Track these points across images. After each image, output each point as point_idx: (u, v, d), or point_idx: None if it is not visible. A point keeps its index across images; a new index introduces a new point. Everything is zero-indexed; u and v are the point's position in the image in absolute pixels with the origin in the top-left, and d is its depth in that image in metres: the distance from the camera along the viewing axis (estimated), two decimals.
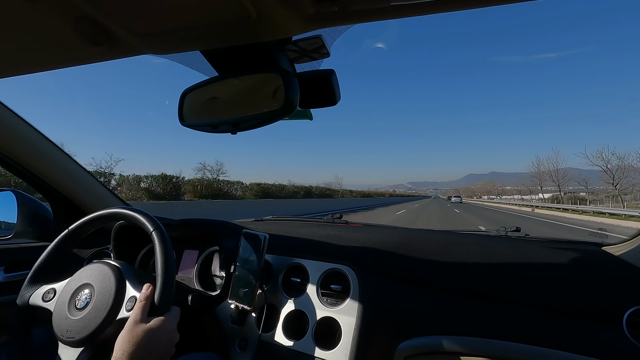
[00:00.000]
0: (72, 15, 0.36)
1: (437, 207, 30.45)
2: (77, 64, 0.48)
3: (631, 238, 0.78)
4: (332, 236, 1.00)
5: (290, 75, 0.47)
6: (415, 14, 0.35)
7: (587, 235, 1.24)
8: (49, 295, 0.69)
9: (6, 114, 0.92)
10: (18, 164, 1.00)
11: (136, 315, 0.56)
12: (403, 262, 0.85)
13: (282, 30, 0.38)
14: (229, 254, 0.91)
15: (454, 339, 0.68)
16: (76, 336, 0.60)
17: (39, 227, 1.13)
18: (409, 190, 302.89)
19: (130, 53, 0.43)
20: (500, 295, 0.73)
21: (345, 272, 0.78)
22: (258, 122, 0.50)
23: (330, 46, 0.49)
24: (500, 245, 0.88)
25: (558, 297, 0.69)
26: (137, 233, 0.90)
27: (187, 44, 0.43)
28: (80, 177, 1.15)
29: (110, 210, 0.73)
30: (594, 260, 0.78)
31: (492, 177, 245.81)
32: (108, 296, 0.62)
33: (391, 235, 0.99)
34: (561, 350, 0.62)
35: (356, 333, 0.70)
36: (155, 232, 0.65)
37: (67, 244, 0.75)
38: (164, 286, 0.60)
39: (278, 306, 0.81)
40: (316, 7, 0.33)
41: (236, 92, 0.53)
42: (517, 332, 0.66)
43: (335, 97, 0.54)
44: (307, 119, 0.68)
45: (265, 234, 0.81)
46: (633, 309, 0.63)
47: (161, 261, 0.62)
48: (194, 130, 0.55)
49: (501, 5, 0.33)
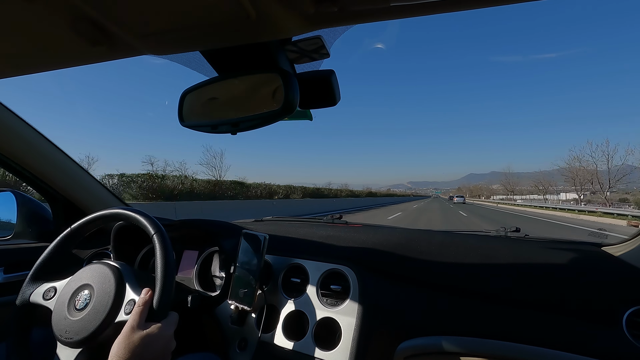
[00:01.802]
0: (71, 16, 0.36)
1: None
2: (76, 65, 0.48)
3: (631, 238, 0.78)
4: (331, 236, 1.00)
5: (290, 76, 0.47)
6: (415, 14, 0.35)
7: (587, 235, 1.24)
8: (49, 294, 0.69)
9: (5, 114, 0.92)
10: (17, 164, 1.00)
11: (134, 320, 0.56)
12: (403, 263, 0.85)
13: (282, 30, 0.38)
14: (228, 254, 0.91)
15: (454, 339, 0.68)
16: (74, 337, 0.60)
17: (39, 227, 1.13)
18: (409, 189, 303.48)
19: (130, 53, 0.43)
20: (500, 295, 0.73)
21: (345, 272, 0.78)
22: (258, 123, 0.50)
23: (330, 47, 0.49)
24: (500, 246, 0.88)
25: (558, 298, 0.69)
26: (136, 233, 0.90)
27: (186, 44, 0.43)
28: (79, 178, 1.15)
29: (111, 211, 0.73)
30: (593, 260, 0.78)
31: (493, 176, 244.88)
32: (107, 298, 0.62)
33: (391, 236, 0.99)
34: (561, 351, 0.62)
35: (356, 333, 0.70)
36: (156, 235, 0.65)
37: (69, 243, 0.75)
38: (163, 291, 0.60)
39: (278, 307, 0.81)
40: (316, 7, 0.33)
41: (236, 93, 0.53)
42: (516, 332, 0.66)
43: (335, 97, 0.54)
44: (307, 120, 0.68)
45: (265, 235, 0.81)
46: (633, 309, 0.64)
47: (161, 265, 0.62)
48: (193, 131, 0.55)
49: (501, 6, 0.33)
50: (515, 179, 57.21)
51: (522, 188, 62.48)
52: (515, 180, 60.32)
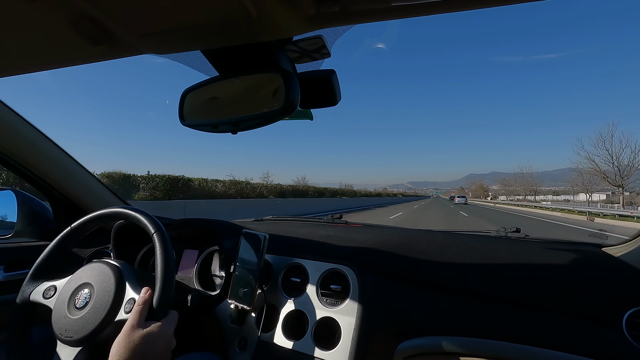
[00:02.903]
0: (72, 15, 0.36)
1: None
2: (77, 64, 0.48)
3: (631, 239, 0.78)
4: (331, 236, 1.00)
5: (291, 75, 0.47)
6: (417, 14, 0.35)
7: (587, 236, 1.24)
8: (49, 293, 0.69)
9: (6, 112, 0.92)
10: (18, 162, 1.00)
11: (134, 319, 0.56)
12: (403, 263, 0.85)
13: (283, 30, 0.38)
14: (228, 253, 0.91)
15: (454, 340, 0.68)
16: (74, 336, 0.60)
17: (39, 226, 1.13)
18: (409, 189, 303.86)
19: (131, 53, 0.43)
20: (500, 295, 0.73)
21: (345, 272, 0.78)
22: (258, 122, 0.50)
23: (331, 46, 0.49)
24: (500, 246, 0.88)
25: (558, 298, 0.69)
26: (136, 232, 0.90)
27: (187, 43, 0.43)
28: (80, 176, 1.15)
29: (112, 210, 0.73)
30: (593, 261, 0.78)
31: (493, 176, 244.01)
32: (107, 297, 0.62)
33: (391, 236, 0.99)
34: (560, 351, 0.62)
35: (356, 333, 0.70)
36: (156, 234, 0.65)
37: (69, 241, 0.75)
38: (163, 290, 0.60)
39: (278, 306, 0.81)
40: (317, 7, 0.33)
41: (237, 92, 0.53)
42: (516, 332, 0.66)
43: (335, 97, 0.54)
44: (308, 119, 0.68)
45: (265, 234, 0.81)
46: (633, 310, 0.63)
47: (161, 264, 0.62)
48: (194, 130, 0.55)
49: (502, 6, 0.33)
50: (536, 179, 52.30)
51: (544, 188, 56.71)
52: (537, 181, 54.59)
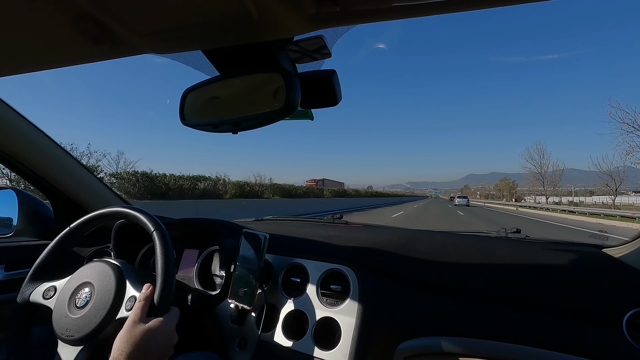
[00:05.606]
0: (73, 14, 0.36)
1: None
2: (78, 63, 0.48)
3: (632, 240, 0.78)
4: (332, 236, 1.00)
5: (292, 75, 0.47)
6: (418, 14, 0.35)
7: (587, 237, 1.24)
8: (49, 293, 0.69)
9: (7, 111, 0.92)
10: (19, 161, 1.00)
11: (135, 315, 0.56)
12: (403, 263, 0.85)
13: (284, 30, 0.38)
14: (229, 253, 0.91)
15: (453, 340, 0.68)
16: (75, 335, 0.60)
17: (40, 225, 1.13)
18: (407, 190, 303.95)
19: (132, 52, 0.43)
20: (500, 296, 0.73)
21: (345, 272, 0.78)
22: (259, 122, 0.50)
23: (331, 46, 0.49)
24: (500, 247, 0.88)
25: (558, 299, 0.69)
26: (137, 232, 0.90)
27: (188, 43, 0.43)
28: (80, 176, 1.15)
29: (112, 209, 0.73)
30: (594, 262, 0.78)
31: (493, 177, 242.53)
32: (108, 295, 0.62)
33: (391, 236, 0.99)
34: (560, 352, 0.62)
35: (356, 333, 0.70)
36: (156, 232, 0.65)
37: (69, 241, 0.75)
38: (164, 286, 0.60)
39: (278, 306, 0.81)
40: (318, 7, 0.33)
41: (237, 92, 0.53)
42: (516, 333, 0.66)
43: (336, 97, 0.54)
44: (308, 119, 0.68)
45: (265, 234, 0.81)
46: (633, 311, 0.63)
47: (161, 261, 0.62)
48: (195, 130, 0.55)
49: (503, 7, 0.33)
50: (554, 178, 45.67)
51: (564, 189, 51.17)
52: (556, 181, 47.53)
